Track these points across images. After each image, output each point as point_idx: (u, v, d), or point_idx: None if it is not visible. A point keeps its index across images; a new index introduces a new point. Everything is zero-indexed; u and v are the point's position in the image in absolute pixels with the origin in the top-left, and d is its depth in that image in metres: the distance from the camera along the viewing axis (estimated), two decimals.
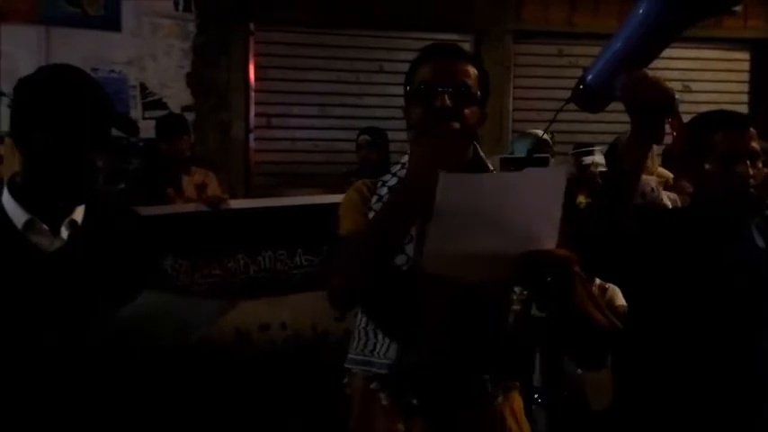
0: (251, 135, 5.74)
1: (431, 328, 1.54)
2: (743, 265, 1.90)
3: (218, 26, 5.57)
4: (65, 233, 1.55)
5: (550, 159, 3.85)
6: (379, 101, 5.77)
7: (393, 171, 1.69)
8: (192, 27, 5.56)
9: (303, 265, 3.16)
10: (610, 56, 1.63)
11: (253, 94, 5.73)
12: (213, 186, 4.28)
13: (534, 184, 1.35)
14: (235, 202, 3.29)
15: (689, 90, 6.15)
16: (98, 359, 1.46)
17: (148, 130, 4.78)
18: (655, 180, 3.30)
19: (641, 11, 1.57)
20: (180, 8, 5.54)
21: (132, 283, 1.46)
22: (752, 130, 1.93)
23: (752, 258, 1.91)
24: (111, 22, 5.39)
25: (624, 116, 1.59)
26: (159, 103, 5.48)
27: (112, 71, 5.39)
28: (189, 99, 5.56)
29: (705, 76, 6.37)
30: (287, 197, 3.67)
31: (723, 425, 1.87)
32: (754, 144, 1.92)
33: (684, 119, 1.65)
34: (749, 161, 1.89)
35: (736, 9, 1.53)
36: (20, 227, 1.52)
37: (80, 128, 1.49)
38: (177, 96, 5.54)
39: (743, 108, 6.22)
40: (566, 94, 1.78)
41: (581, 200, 3.48)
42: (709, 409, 1.87)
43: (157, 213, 3.03)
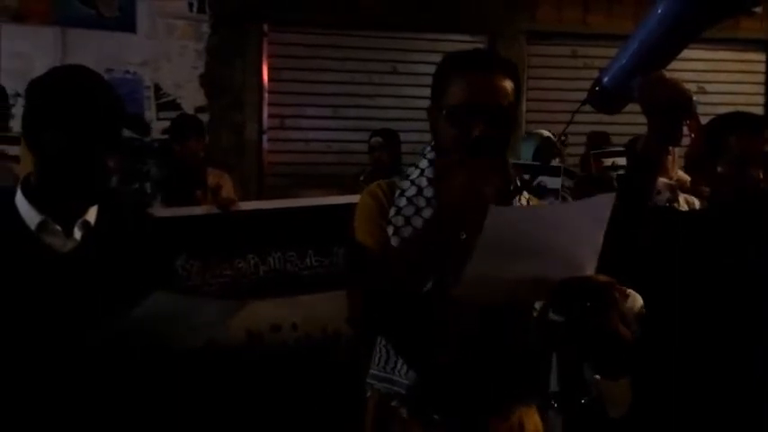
0: (264, 136, 5.76)
1: (453, 342, 1.53)
2: (754, 268, 1.88)
3: (231, 27, 5.59)
4: (78, 234, 1.56)
5: (562, 166, 3.83)
6: (392, 102, 5.77)
7: (411, 177, 1.62)
8: (206, 28, 5.58)
9: (314, 265, 3.16)
10: (626, 57, 1.62)
11: (266, 94, 5.75)
12: (228, 188, 4.28)
13: (582, 213, 1.34)
14: (245, 204, 3.29)
15: (704, 91, 6.11)
16: (106, 360, 1.46)
17: (162, 130, 4.81)
18: (663, 182, 3.26)
19: (659, 12, 1.55)
20: (194, 9, 5.56)
21: (145, 283, 1.46)
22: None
23: (763, 262, 1.89)
24: (126, 24, 5.42)
25: (641, 117, 1.58)
26: (173, 104, 5.51)
27: (127, 72, 5.42)
28: (203, 100, 5.59)
29: (720, 78, 6.32)
30: (298, 198, 3.67)
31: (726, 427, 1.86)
32: None
33: (699, 120, 1.64)
34: (763, 164, 1.87)
35: (756, 10, 1.51)
36: (33, 228, 1.52)
37: (92, 128, 1.49)
38: (191, 97, 5.56)
39: (758, 109, 6.17)
40: (580, 95, 1.77)
41: None
42: (714, 414, 1.85)
43: (170, 215, 3.04)
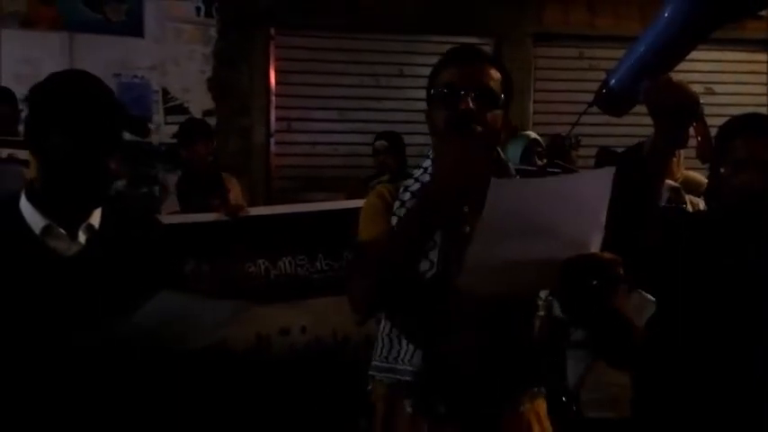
0: (272, 139, 5.77)
1: (458, 332, 1.54)
2: (754, 268, 1.88)
3: (239, 31, 5.60)
4: (82, 237, 1.56)
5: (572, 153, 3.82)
6: (399, 105, 5.77)
7: (415, 176, 1.66)
8: (214, 32, 5.60)
9: (324, 269, 3.17)
10: (634, 60, 1.62)
11: (273, 98, 5.76)
12: (236, 191, 4.27)
13: (582, 186, 1.34)
14: (254, 210, 3.30)
15: (712, 92, 6.09)
16: (110, 361, 1.47)
17: (171, 134, 4.83)
18: (665, 183, 3.25)
19: (666, 14, 1.56)
20: (201, 13, 5.58)
21: (150, 287, 1.46)
22: None
23: (763, 262, 1.89)
24: (134, 28, 5.44)
25: (649, 119, 1.58)
26: (181, 108, 5.53)
27: (135, 76, 5.44)
28: (210, 104, 5.60)
29: (726, 78, 6.30)
30: (307, 203, 3.67)
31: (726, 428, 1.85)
32: None
33: (707, 122, 1.64)
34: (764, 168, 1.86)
35: (762, 13, 1.52)
36: (38, 232, 1.53)
37: (95, 131, 1.51)
38: (199, 101, 5.58)
39: (763, 110, 6.13)
40: (587, 96, 1.77)
41: None
42: (714, 414, 1.85)
43: (180, 222, 3.05)
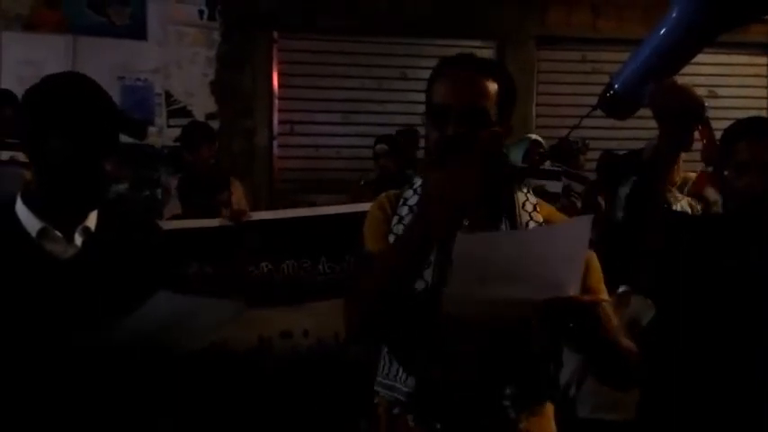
0: (274, 142, 5.78)
1: (451, 352, 1.53)
2: (755, 270, 1.87)
3: (242, 34, 5.61)
4: (78, 240, 1.56)
5: (562, 172, 3.84)
6: (401, 107, 5.78)
7: (414, 186, 1.64)
8: (217, 35, 5.61)
9: (326, 272, 3.16)
10: (638, 63, 1.62)
11: (276, 101, 5.77)
12: (238, 194, 4.27)
13: (559, 238, 1.34)
14: (256, 215, 3.30)
15: (714, 96, 6.08)
16: (107, 363, 1.46)
17: (174, 137, 4.83)
18: None
19: (672, 18, 1.55)
20: (205, 17, 5.59)
21: (147, 290, 1.46)
22: None
23: (764, 264, 1.88)
24: (137, 31, 5.46)
25: (652, 122, 1.57)
26: (184, 111, 5.54)
27: (138, 79, 5.45)
28: (213, 107, 5.61)
29: (729, 81, 6.29)
30: (308, 208, 3.66)
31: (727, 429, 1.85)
32: None
33: (711, 126, 1.64)
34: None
35: (765, 17, 1.52)
36: (34, 235, 1.52)
37: (93, 134, 1.50)
38: (202, 104, 5.59)
39: (764, 113, 6.13)
40: (590, 99, 1.77)
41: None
42: (715, 415, 1.85)
43: (182, 227, 3.05)
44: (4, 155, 3.49)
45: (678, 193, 3.61)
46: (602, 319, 1.39)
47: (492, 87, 1.52)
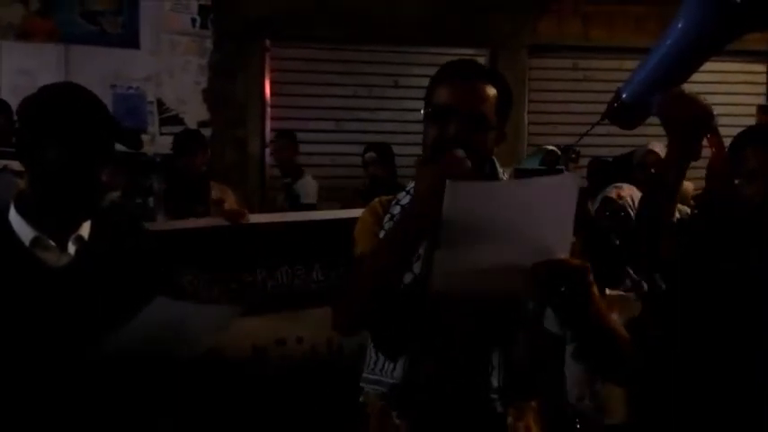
0: (266, 150, 5.78)
1: (438, 345, 1.54)
2: (755, 273, 1.88)
3: (234, 43, 5.62)
4: (72, 249, 1.56)
5: (564, 171, 3.83)
6: (393, 115, 5.79)
7: (407, 189, 1.66)
8: (209, 44, 5.62)
9: (320, 280, 3.17)
10: (646, 73, 1.63)
11: (268, 109, 5.78)
12: (230, 202, 4.29)
13: (545, 192, 1.33)
14: (254, 217, 3.30)
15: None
16: (107, 372, 1.46)
17: (166, 145, 4.82)
18: (630, 190, 3.26)
19: (680, 27, 1.56)
20: (197, 25, 5.60)
21: (140, 298, 1.46)
22: None
23: (764, 267, 1.90)
24: (130, 40, 5.46)
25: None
26: (176, 119, 5.54)
27: (130, 87, 5.45)
28: (205, 114, 5.62)
29: (725, 89, 6.31)
30: (304, 212, 3.67)
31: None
32: None
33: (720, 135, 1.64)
34: None
35: None
36: (27, 244, 1.52)
37: (87, 143, 1.51)
38: (194, 112, 5.59)
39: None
40: (581, 107, 1.79)
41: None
42: (714, 418, 1.86)
43: (177, 228, 3.05)
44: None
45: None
46: (592, 287, 1.35)
47: (491, 93, 1.55)
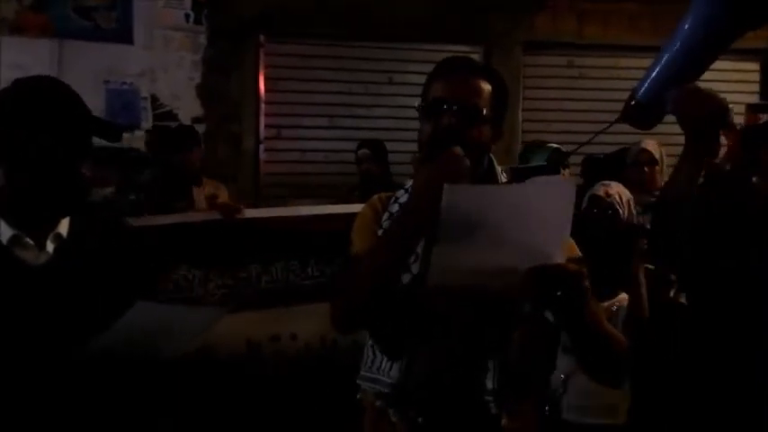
0: (261, 146, 5.76)
1: (433, 345, 1.54)
2: (755, 273, 1.89)
3: (228, 38, 5.60)
4: (50, 247, 1.54)
5: (562, 170, 3.83)
6: (388, 112, 5.77)
7: (406, 186, 1.66)
8: (203, 39, 5.60)
9: (315, 275, 3.16)
10: (659, 71, 1.63)
11: (263, 105, 5.76)
12: (224, 198, 4.29)
13: (542, 196, 1.34)
14: (248, 212, 3.30)
15: None
16: (91, 375, 1.45)
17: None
18: (618, 188, 3.25)
19: (688, 24, 1.57)
20: (191, 21, 5.58)
21: (121, 295, 1.45)
22: None
23: (764, 267, 1.90)
24: (123, 35, 5.43)
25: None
26: (170, 115, 5.52)
27: (124, 83, 5.43)
28: (199, 110, 5.59)
29: (719, 87, 6.29)
30: (299, 207, 3.67)
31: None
32: None
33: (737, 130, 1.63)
34: None
35: None
36: (5, 242, 1.51)
37: (64, 136, 1.49)
38: (188, 108, 5.57)
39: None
40: (575, 104, 1.78)
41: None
42: (713, 418, 1.86)
43: (170, 222, 3.04)
44: None
45: None
46: (588, 292, 1.36)
47: (486, 88, 1.56)
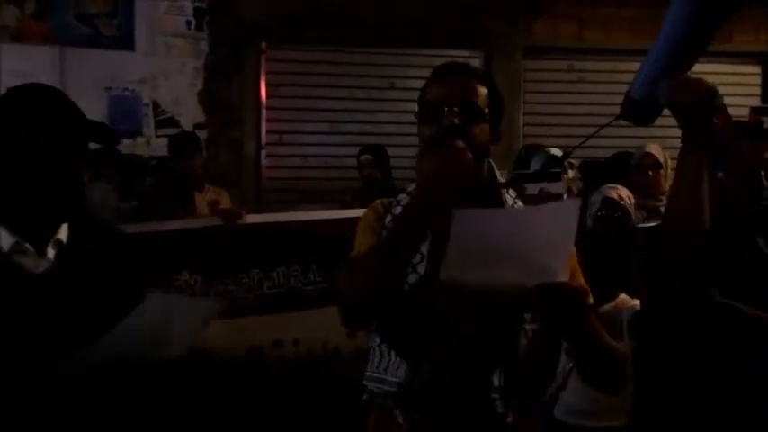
0: (262, 152, 5.77)
1: (441, 344, 1.55)
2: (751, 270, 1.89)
3: (230, 45, 5.62)
4: (51, 253, 1.54)
5: (563, 175, 3.84)
6: (390, 117, 5.79)
7: (408, 190, 1.68)
8: (205, 46, 5.61)
9: (316, 281, 3.17)
10: (650, 66, 1.65)
11: (264, 111, 5.77)
12: (226, 204, 4.29)
13: (548, 218, 1.39)
14: (250, 217, 3.30)
15: None
16: (88, 379, 1.45)
17: (161, 147, 4.82)
18: (626, 191, 3.28)
19: (671, 15, 1.59)
20: (192, 27, 5.60)
21: (122, 300, 1.45)
22: None
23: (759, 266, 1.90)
24: (125, 42, 5.45)
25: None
26: (172, 121, 5.53)
27: (126, 90, 5.45)
28: (201, 117, 5.61)
29: (721, 91, 6.30)
30: (300, 212, 3.68)
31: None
32: None
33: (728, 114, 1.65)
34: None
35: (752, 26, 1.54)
36: (6, 249, 1.51)
37: (59, 140, 1.49)
38: (189, 114, 5.59)
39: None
40: (576, 108, 1.79)
41: None
42: (714, 420, 1.86)
43: (172, 228, 3.04)
44: None
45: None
46: (589, 308, 1.41)
47: (482, 90, 1.61)
